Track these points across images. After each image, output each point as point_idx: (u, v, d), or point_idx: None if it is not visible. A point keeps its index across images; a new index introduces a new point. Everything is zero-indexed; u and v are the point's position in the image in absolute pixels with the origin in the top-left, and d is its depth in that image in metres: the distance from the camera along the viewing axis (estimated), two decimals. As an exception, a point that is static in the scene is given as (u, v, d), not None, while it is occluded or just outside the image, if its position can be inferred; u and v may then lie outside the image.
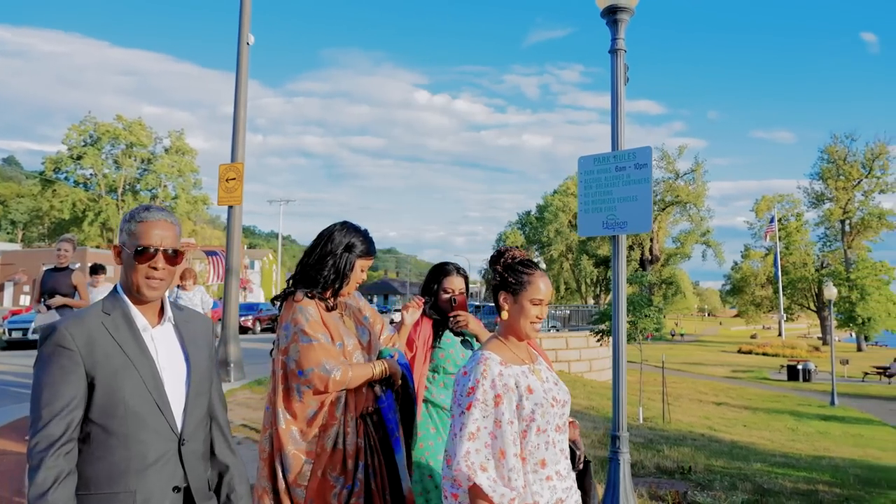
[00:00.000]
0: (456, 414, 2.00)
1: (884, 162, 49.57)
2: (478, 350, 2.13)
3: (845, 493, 6.52)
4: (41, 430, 1.58)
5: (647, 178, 4.53)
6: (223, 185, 9.23)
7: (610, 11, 4.74)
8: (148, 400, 1.70)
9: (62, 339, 1.65)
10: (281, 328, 2.52)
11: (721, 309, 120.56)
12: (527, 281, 2.11)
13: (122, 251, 1.79)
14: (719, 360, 39.08)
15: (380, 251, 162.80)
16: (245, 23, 9.59)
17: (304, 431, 2.43)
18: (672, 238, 62.18)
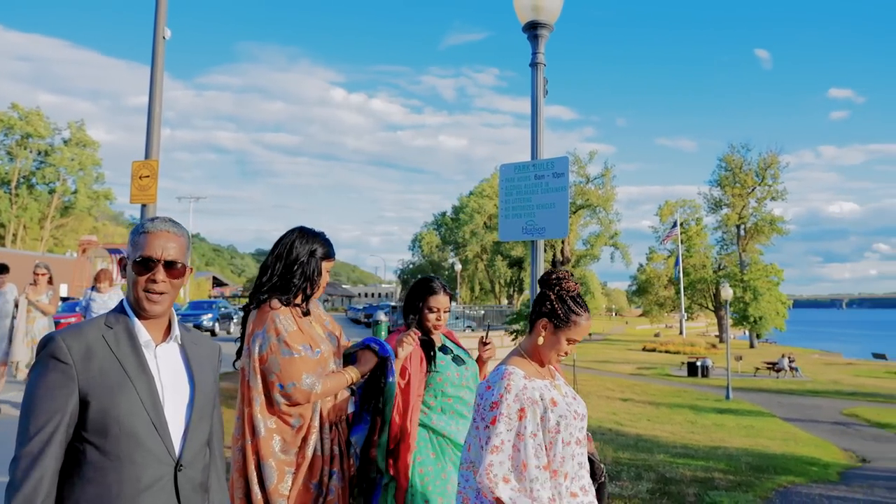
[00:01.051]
0: (480, 427, 2.03)
1: (775, 171, 52.93)
2: (501, 365, 2.14)
3: (738, 479, 7.06)
4: (25, 445, 1.51)
5: (565, 186, 4.80)
6: (136, 183, 8.92)
7: (531, 27, 4.98)
8: (145, 420, 1.61)
9: (58, 350, 1.57)
10: (255, 336, 2.46)
11: (628, 309, 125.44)
12: (574, 321, 2.11)
13: (127, 264, 1.72)
14: (625, 357, 40.73)
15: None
16: (161, 16, 9.29)
17: (287, 441, 2.42)
18: (582, 240, 64.24)
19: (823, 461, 11.06)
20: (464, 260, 66.05)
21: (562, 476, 2.02)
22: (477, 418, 2.07)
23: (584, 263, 64.03)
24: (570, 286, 2.16)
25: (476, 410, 2.09)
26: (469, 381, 3.00)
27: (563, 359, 2.19)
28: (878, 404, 23.07)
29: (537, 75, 4.99)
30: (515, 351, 2.21)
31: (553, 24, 5.05)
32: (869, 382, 30.99)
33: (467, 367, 3.03)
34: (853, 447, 14.28)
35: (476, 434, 2.07)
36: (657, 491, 5.99)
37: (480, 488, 1.95)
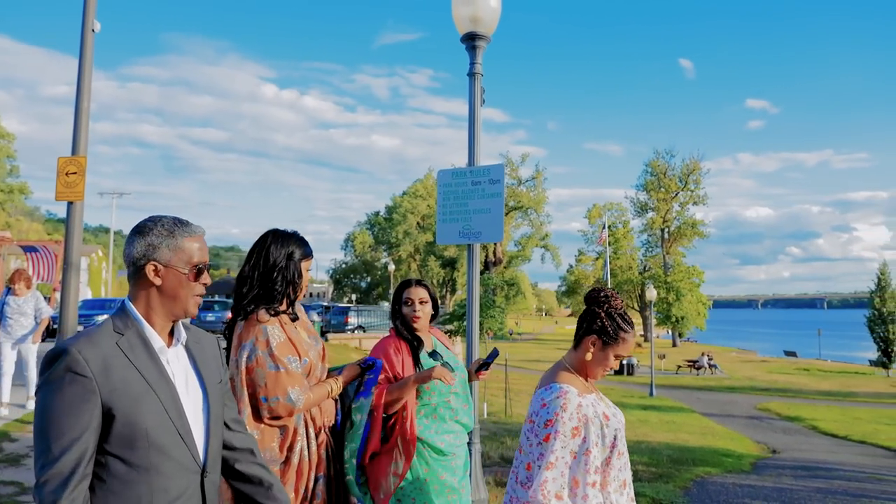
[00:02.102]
0: (534, 443, 2.06)
1: (697, 177, 55.26)
2: (553, 383, 2.15)
3: (659, 471, 7.44)
4: (51, 466, 1.40)
5: (500, 192, 4.99)
6: (62, 180, 8.62)
7: (469, 38, 5.15)
8: (171, 430, 1.56)
9: (75, 363, 1.46)
10: (242, 347, 2.46)
11: (558, 309, 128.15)
12: (623, 338, 2.16)
13: (167, 269, 1.63)
14: (556, 357, 40.23)
15: (222, 249, 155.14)
16: (91, 7, 9.00)
17: (272, 450, 2.43)
18: (514, 241, 65.25)
19: (738, 453, 11.71)
20: (397, 260, 66.00)
21: (620, 484, 2.08)
22: (530, 435, 2.10)
23: (516, 264, 65.09)
24: (618, 304, 2.21)
25: (530, 427, 2.11)
26: (457, 387, 2.98)
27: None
28: (789, 399, 24.48)
29: (475, 85, 5.15)
30: (561, 366, 2.24)
31: (490, 35, 5.22)
32: (781, 379, 32.80)
33: (456, 375, 2.99)
34: (765, 439, 15.13)
35: (528, 451, 2.10)
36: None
37: (533, 503, 1.98)
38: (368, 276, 72.42)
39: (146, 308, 1.62)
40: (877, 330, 38.16)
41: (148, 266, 1.61)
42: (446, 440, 2.89)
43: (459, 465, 2.94)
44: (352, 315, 28.88)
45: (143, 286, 1.62)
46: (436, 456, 2.86)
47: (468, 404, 3.05)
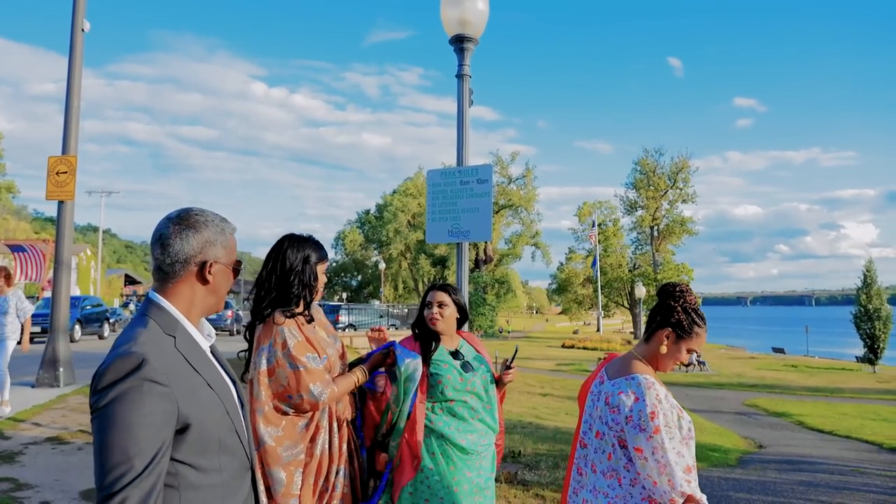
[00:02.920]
0: (641, 439, 2.05)
1: (686, 175, 55.53)
2: (634, 374, 2.17)
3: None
4: (134, 484, 1.30)
5: (488, 192, 5.09)
6: (53, 179, 8.67)
7: (457, 40, 5.25)
8: (232, 430, 1.54)
9: (153, 372, 1.38)
10: (261, 350, 2.53)
11: (548, 307, 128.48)
12: (696, 333, 2.21)
13: (214, 267, 1.57)
14: (545, 354, 41.73)
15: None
16: (80, 8, 9.05)
17: (295, 444, 2.50)
18: (504, 240, 65.36)
19: (724, 448, 11.87)
20: (388, 258, 65.98)
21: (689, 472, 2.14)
22: (628, 429, 2.09)
23: (507, 262, 65.22)
24: (692, 299, 2.25)
25: (623, 421, 2.10)
26: (477, 387, 3.01)
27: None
28: (777, 395, 24.70)
29: (463, 86, 5.25)
30: (632, 357, 2.26)
31: (478, 37, 5.32)
32: (769, 375, 33.05)
33: (476, 375, 3.03)
34: (753, 435, 15.29)
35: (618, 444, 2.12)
36: (573, 478, 6.37)
37: (672, 496, 2.00)
38: (359, 275, 72.38)
39: (187, 305, 1.55)
40: (863, 326, 38.42)
41: (206, 263, 1.55)
42: (469, 439, 2.92)
43: (486, 466, 2.98)
44: (342, 314, 28.92)
45: (190, 282, 1.55)
46: (460, 455, 2.90)
47: (491, 405, 3.07)
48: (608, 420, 2.15)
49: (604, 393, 2.20)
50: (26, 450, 5.94)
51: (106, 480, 1.31)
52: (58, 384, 8.91)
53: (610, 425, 2.14)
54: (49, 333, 9.09)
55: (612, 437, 2.14)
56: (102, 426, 1.34)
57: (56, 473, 5.28)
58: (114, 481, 1.30)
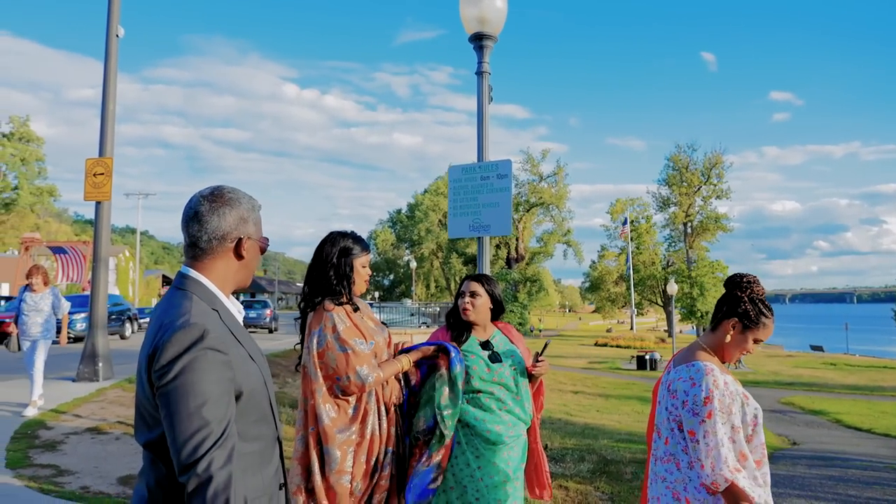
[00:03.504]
0: (694, 423, 2.08)
1: (719, 171, 54.61)
2: (695, 361, 2.20)
3: (673, 460, 7.56)
4: (218, 445, 1.36)
5: (508, 187, 5.15)
6: (90, 181, 8.99)
7: (476, 38, 5.32)
8: (268, 401, 1.60)
9: (214, 341, 1.43)
10: (312, 335, 2.70)
11: (581, 305, 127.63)
12: (763, 323, 2.21)
13: (248, 243, 1.63)
14: (578, 352, 41.56)
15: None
16: (114, 15, 9.36)
17: (348, 425, 2.65)
18: (536, 238, 65.12)
19: (756, 444, 11.74)
20: (419, 257, 66.27)
21: (757, 465, 2.14)
22: (683, 413, 2.12)
23: (538, 261, 64.95)
24: (760, 290, 2.26)
25: (677, 405, 2.15)
26: (505, 378, 3.02)
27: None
28: (814, 393, 24.24)
29: (482, 83, 5.32)
30: (697, 346, 2.28)
31: (497, 35, 5.39)
32: (806, 373, 32.44)
33: (504, 366, 3.03)
34: (787, 432, 15.08)
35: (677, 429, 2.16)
36: (597, 471, 6.41)
37: (714, 480, 2.01)
38: (391, 274, 72.81)
39: (222, 280, 1.59)
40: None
41: (242, 239, 1.60)
42: (495, 430, 2.92)
43: (514, 457, 2.97)
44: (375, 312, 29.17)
45: (225, 258, 1.59)
46: (487, 445, 2.91)
47: (521, 396, 3.05)
48: (668, 405, 2.19)
49: (667, 381, 2.24)
50: (67, 439, 6.21)
51: (188, 447, 1.34)
52: (97, 378, 9.24)
53: (670, 410, 2.18)
54: (88, 329, 9.42)
55: (671, 423, 2.18)
56: (175, 396, 1.37)
57: (95, 461, 5.52)
58: (197, 446, 1.34)
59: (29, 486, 4.82)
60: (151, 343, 1.44)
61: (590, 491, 5.60)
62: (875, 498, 6.06)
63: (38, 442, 6.08)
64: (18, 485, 4.85)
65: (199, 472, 1.32)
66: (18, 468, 5.24)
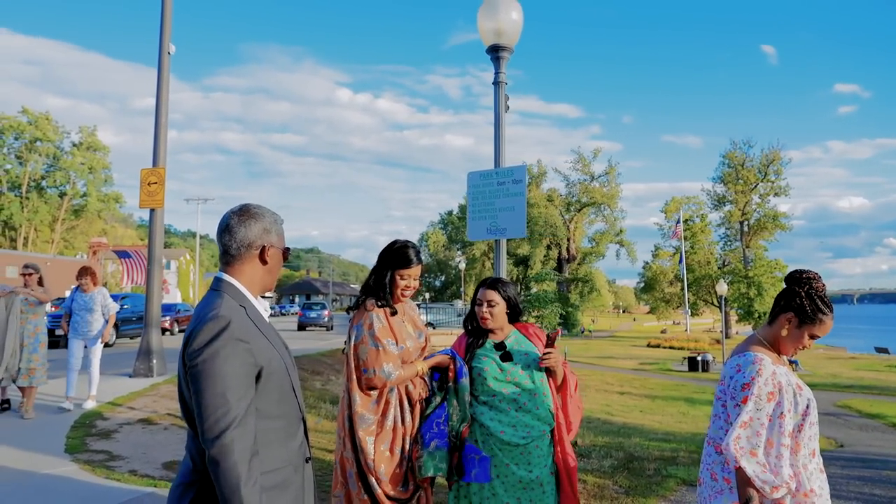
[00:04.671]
0: (729, 405, 2.19)
1: (777, 167, 53.14)
2: (747, 351, 2.26)
3: (698, 456, 7.60)
4: (238, 424, 1.59)
5: (523, 191, 5.38)
6: (145, 189, 9.59)
7: (493, 50, 5.57)
8: (289, 383, 1.84)
9: (238, 331, 1.68)
10: (353, 328, 3.02)
11: (636, 306, 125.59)
12: (821, 319, 2.24)
13: (271, 250, 1.89)
14: (629, 353, 41.01)
15: (301, 250, 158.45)
16: (166, 33, 9.94)
17: (370, 414, 2.92)
18: (588, 238, 64.54)
19: (799, 446, 11.55)
20: (470, 259, 66.49)
21: (810, 452, 2.18)
22: (726, 398, 2.22)
23: (590, 261, 64.36)
24: (820, 286, 2.28)
25: (725, 391, 2.24)
26: (518, 377, 3.06)
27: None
28: (873, 396, 23.39)
29: (499, 93, 5.56)
30: (754, 339, 2.35)
31: (513, 47, 5.63)
32: (868, 376, 31.25)
33: (517, 366, 3.08)
34: (837, 435, 14.69)
35: (723, 412, 2.25)
36: (620, 466, 6.54)
37: (726, 456, 2.10)
38: (442, 275, 73.38)
39: (249, 282, 1.85)
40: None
41: (265, 247, 1.87)
42: (509, 431, 2.95)
43: (534, 459, 2.96)
44: (422, 312, 29.73)
45: (252, 263, 1.86)
46: (502, 446, 2.95)
47: (538, 394, 3.05)
48: (718, 391, 2.29)
49: (723, 370, 2.34)
50: (120, 429, 6.75)
51: (212, 424, 1.57)
52: (151, 374, 9.85)
53: (719, 396, 2.27)
54: (143, 328, 10.05)
55: (720, 408, 2.27)
56: (203, 379, 1.60)
57: (144, 448, 6.02)
58: (219, 420, 1.57)
59: (83, 468, 5.33)
60: (187, 332, 1.72)
61: (607, 485, 5.76)
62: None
63: (95, 431, 6.64)
64: (74, 467, 5.37)
65: (220, 446, 1.56)
66: (75, 453, 5.78)
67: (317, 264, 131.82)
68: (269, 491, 1.68)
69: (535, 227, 58.63)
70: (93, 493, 4.73)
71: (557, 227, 59.56)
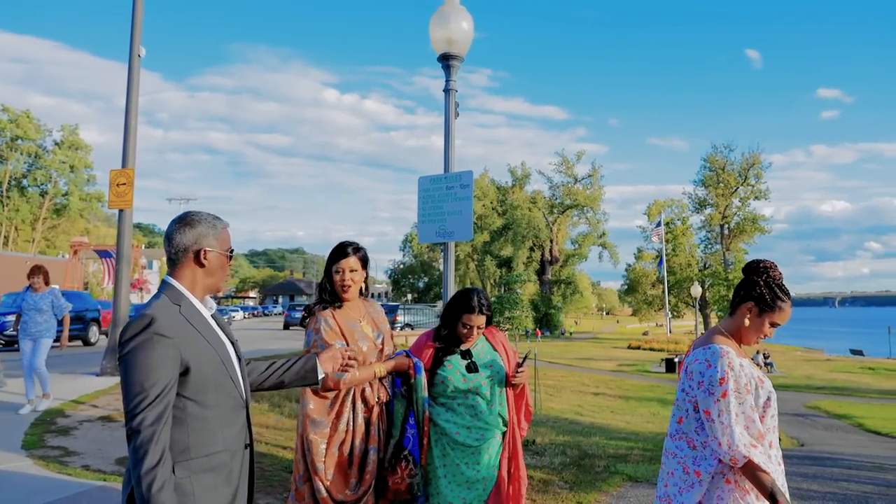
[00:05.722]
0: (709, 402, 2.16)
1: (757, 171, 53.72)
2: (711, 343, 2.27)
3: (653, 454, 7.81)
4: (149, 407, 1.76)
5: (469, 196, 5.56)
6: (114, 190, 9.69)
7: (444, 58, 5.75)
8: (227, 376, 1.99)
9: (161, 327, 1.84)
10: (306, 333, 3.11)
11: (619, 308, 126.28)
12: (780, 307, 2.27)
13: (209, 253, 2.03)
14: (609, 355, 41.29)
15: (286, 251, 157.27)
16: (137, 35, 10.02)
17: (322, 417, 2.94)
18: (571, 240, 64.87)
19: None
20: (455, 259, 66.52)
21: (768, 443, 2.20)
22: (696, 392, 2.21)
23: (573, 263, 64.64)
24: (777, 275, 2.31)
25: (695, 387, 2.22)
26: (481, 388, 3.15)
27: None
28: (844, 397, 23.79)
29: (449, 100, 5.75)
30: (716, 330, 2.36)
31: (464, 55, 5.81)
32: (841, 377, 31.73)
33: (481, 376, 3.15)
34: (801, 435, 14.99)
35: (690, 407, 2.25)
36: (571, 464, 6.71)
37: (732, 456, 2.09)
38: (426, 277, 73.37)
39: (191, 284, 2.01)
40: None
41: (200, 251, 2.01)
42: (465, 433, 3.07)
43: (484, 460, 3.08)
44: (400, 313, 29.88)
45: (190, 267, 2.01)
46: (454, 445, 3.07)
47: (495, 406, 3.16)
48: (685, 386, 2.27)
49: (686, 363, 2.35)
50: (80, 426, 6.86)
51: (129, 406, 1.78)
52: (118, 373, 9.90)
53: (686, 391, 2.26)
54: (111, 327, 10.14)
55: (686, 403, 2.26)
56: (126, 369, 1.81)
57: (100, 445, 6.14)
58: (135, 406, 1.76)
59: (37, 463, 5.46)
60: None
61: (553, 480, 5.93)
62: (832, 492, 6.25)
63: (54, 428, 6.75)
64: (28, 462, 5.49)
65: (132, 426, 1.76)
66: (31, 449, 5.90)
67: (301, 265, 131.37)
68: (203, 473, 1.87)
69: (519, 229, 58.90)
70: (42, 485, 4.86)
71: (540, 229, 59.88)
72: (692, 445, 2.23)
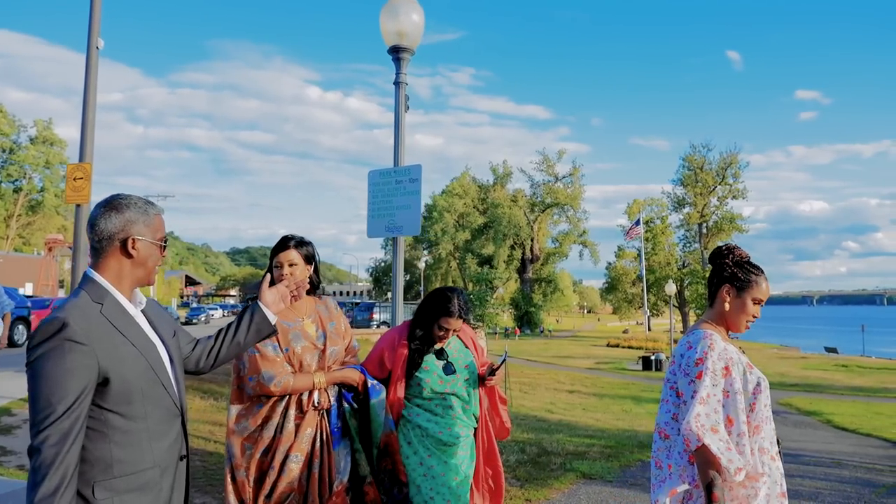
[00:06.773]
0: (684, 384, 2.11)
1: (735, 170, 54.28)
2: (696, 329, 2.25)
3: (611, 451, 7.80)
4: (54, 424, 1.55)
5: (418, 190, 5.48)
6: (70, 185, 9.49)
7: (394, 50, 5.66)
8: (157, 382, 1.76)
9: (73, 333, 1.61)
10: None
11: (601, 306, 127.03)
12: (754, 280, 2.22)
13: (139, 242, 1.79)
14: (587, 353, 41.52)
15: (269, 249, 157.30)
16: (95, 26, 9.81)
17: (251, 422, 2.82)
18: (551, 238, 65.11)
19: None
20: (437, 257, 66.53)
21: (761, 437, 2.12)
22: (677, 378, 2.18)
23: (554, 261, 64.92)
24: (742, 253, 2.30)
25: (675, 371, 2.19)
26: (458, 389, 3.15)
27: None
28: (816, 394, 24.08)
29: (399, 93, 5.65)
30: (701, 321, 2.31)
31: (414, 48, 5.72)
32: (815, 374, 32.14)
33: (457, 377, 3.15)
34: (769, 432, 15.11)
35: (671, 395, 2.20)
36: (528, 461, 6.68)
37: (685, 436, 2.00)
38: (407, 275, 73.29)
39: (116, 277, 1.77)
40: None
41: (128, 239, 1.78)
42: (446, 431, 3.10)
43: (465, 456, 3.14)
44: (376, 311, 29.77)
45: (116, 257, 1.77)
46: (439, 445, 3.09)
47: (470, 405, 3.20)
48: (668, 374, 2.25)
49: (672, 353, 2.31)
50: (24, 425, 6.69)
51: (34, 422, 1.57)
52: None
53: (668, 378, 2.23)
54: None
55: (670, 391, 2.21)
56: (32, 378, 1.59)
57: (42, 444, 5.97)
58: (40, 422, 1.55)
59: (-30, 464, 5.29)
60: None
61: (507, 478, 5.89)
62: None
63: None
64: (-39, 463, 5.32)
65: (34, 444, 1.55)
66: (-32, 449, 5.73)
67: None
68: (128, 493, 1.67)
69: (500, 228, 58.97)
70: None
71: (521, 227, 60.00)
72: (662, 435, 2.20)
